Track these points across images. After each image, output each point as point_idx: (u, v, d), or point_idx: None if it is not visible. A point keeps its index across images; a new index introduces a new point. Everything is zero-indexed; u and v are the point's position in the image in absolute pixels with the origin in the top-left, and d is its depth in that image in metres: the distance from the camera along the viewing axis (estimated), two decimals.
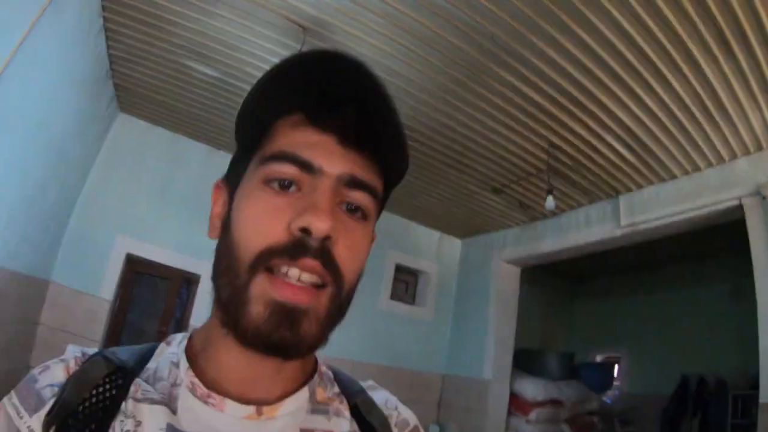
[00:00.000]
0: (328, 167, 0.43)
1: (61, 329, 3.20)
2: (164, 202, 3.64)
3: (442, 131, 3.12)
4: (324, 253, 0.41)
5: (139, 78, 3.18)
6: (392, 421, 0.54)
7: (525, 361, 4.31)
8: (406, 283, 4.71)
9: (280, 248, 0.40)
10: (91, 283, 3.36)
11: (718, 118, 2.61)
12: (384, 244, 4.42)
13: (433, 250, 4.74)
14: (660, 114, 2.63)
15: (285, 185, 0.43)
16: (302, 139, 0.43)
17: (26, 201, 2.52)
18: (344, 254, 0.42)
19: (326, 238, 0.40)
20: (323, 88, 0.43)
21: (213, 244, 0.49)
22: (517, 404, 3.99)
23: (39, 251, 2.95)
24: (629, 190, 3.35)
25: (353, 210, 0.45)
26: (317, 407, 0.49)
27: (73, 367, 0.45)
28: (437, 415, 4.27)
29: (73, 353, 0.47)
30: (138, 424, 0.42)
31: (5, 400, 0.44)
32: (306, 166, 0.42)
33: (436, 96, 2.79)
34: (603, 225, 3.48)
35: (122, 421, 0.42)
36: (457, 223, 4.55)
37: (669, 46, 2.21)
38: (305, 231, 0.40)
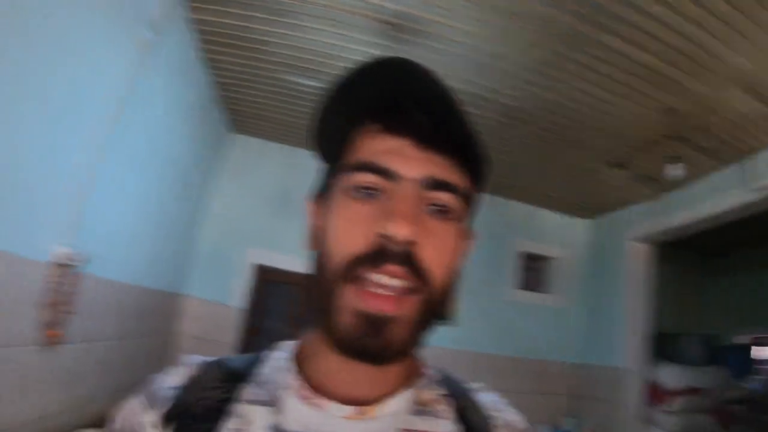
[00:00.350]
0: (407, 172, 0.44)
1: (199, 338, 3.54)
2: (286, 212, 3.83)
3: (550, 108, 2.93)
4: (408, 258, 0.41)
5: (246, 99, 3.38)
6: (497, 423, 0.54)
7: (661, 347, 3.92)
8: (534, 271, 4.53)
9: (363, 256, 0.42)
10: (225, 294, 3.68)
11: None
12: (508, 233, 4.32)
13: (558, 234, 4.51)
14: None
15: (368, 193, 0.44)
16: (380, 147, 0.45)
17: (155, 225, 2.80)
18: (431, 256, 0.43)
19: (409, 243, 0.41)
20: (394, 96, 0.45)
21: None
22: (653, 393, 3.66)
23: (173, 269, 3.28)
24: (761, 148, 2.90)
25: (439, 211, 0.45)
26: (419, 408, 0.50)
27: (192, 372, 0.51)
28: (568, 407, 4.07)
29: (194, 361, 0.53)
30: (246, 423, 0.46)
31: (134, 398, 0.51)
32: (386, 173, 0.44)
33: (538, 73, 2.63)
34: (736, 190, 3.02)
35: (231, 420, 0.46)
36: (581, 203, 4.28)
37: None
38: (386, 237, 0.41)
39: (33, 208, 1.64)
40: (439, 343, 3.81)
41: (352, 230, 0.43)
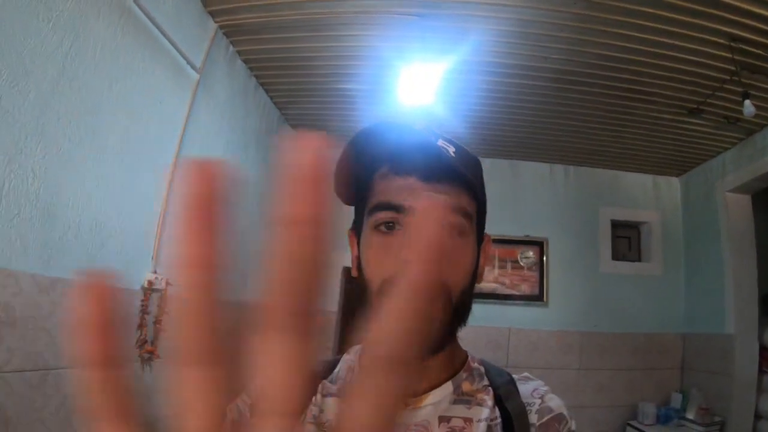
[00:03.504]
0: (416, 203, 0.54)
1: None
2: None
3: (608, 65, 2.76)
4: None
5: (307, 113, 3.61)
6: (533, 408, 0.60)
7: None
8: (627, 239, 4.21)
9: (393, 278, 0.50)
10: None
11: None
12: (595, 202, 4.08)
13: (649, 196, 4.15)
14: None
15: (390, 226, 0.54)
16: (392, 187, 0.55)
17: (236, 244, 3.03)
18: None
19: None
20: (398, 146, 0.56)
21: None
22: None
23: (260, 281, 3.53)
24: None
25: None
26: (461, 398, 0.57)
27: None
28: (678, 381, 3.75)
29: None
30: (321, 411, 0.57)
31: (238, 399, 0.66)
32: (399, 209, 0.53)
33: (587, 30, 2.49)
34: None
35: (311, 408, 0.57)
36: (666, 160, 3.93)
37: None
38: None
39: (121, 244, 1.96)
40: (533, 326, 3.73)
41: (382, 258, 0.54)
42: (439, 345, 0.53)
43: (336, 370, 0.63)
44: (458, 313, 0.54)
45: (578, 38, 2.56)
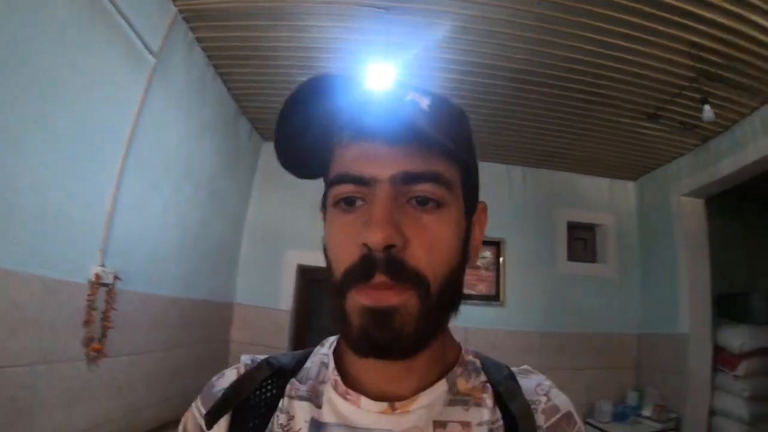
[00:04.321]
0: (379, 173, 0.44)
1: (251, 343, 3.66)
2: None
3: (570, 67, 2.77)
4: (392, 264, 0.41)
5: (267, 106, 3.47)
6: (539, 407, 0.52)
7: (727, 308, 3.59)
8: (584, 241, 4.30)
9: (355, 270, 0.42)
10: (271, 298, 3.79)
11: None
12: (553, 204, 4.15)
13: (604, 199, 4.27)
14: None
15: (351, 201, 0.45)
16: (353, 155, 0.45)
17: (191, 238, 2.92)
18: (420, 253, 0.43)
19: (389, 247, 0.41)
20: (354, 105, 0.46)
21: None
22: (722, 358, 3.35)
23: (217, 278, 3.41)
24: None
25: (422, 201, 0.45)
26: (456, 398, 0.50)
27: (242, 371, 0.54)
28: (637, 380, 3.85)
29: (244, 361, 0.56)
30: (291, 418, 0.49)
31: (193, 405, 0.55)
32: (360, 181, 0.44)
33: (549, 31, 2.48)
34: None
35: (279, 416, 0.49)
36: (623, 163, 4.04)
37: None
38: (367, 246, 0.41)
39: (67, 234, 1.81)
40: (491, 326, 3.75)
41: (341, 243, 0.45)
42: (422, 340, 0.44)
43: (306, 366, 0.55)
44: (442, 300, 0.44)
45: (540, 38, 2.55)
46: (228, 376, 0.55)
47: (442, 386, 0.49)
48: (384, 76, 2.68)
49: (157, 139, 2.42)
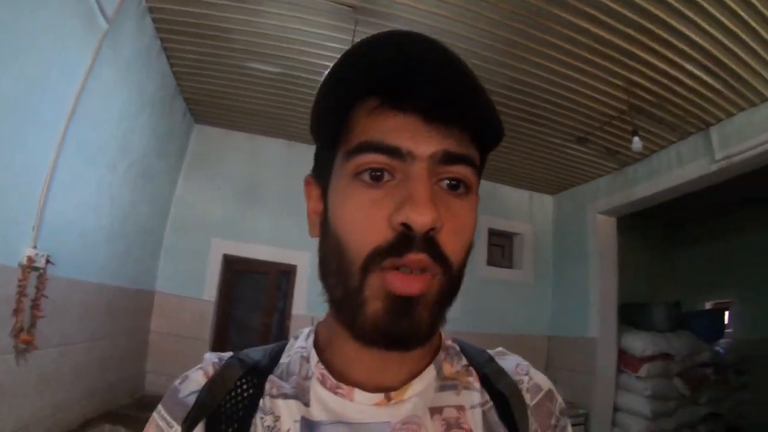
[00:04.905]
0: (418, 149, 0.40)
1: (171, 334, 3.47)
2: (251, 201, 3.82)
3: (513, 86, 2.96)
4: (429, 245, 0.39)
5: (206, 88, 3.30)
6: (523, 387, 0.52)
7: (630, 316, 4.07)
8: (501, 247, 4.59)
9: (386, 247, 0.39)
10: (194, 287, 3.62)
11: None
12: None
13: (524, 210, 4.59)
14: (742, 34, 2.31)
15: (377, 176, 0.41)
16: (385, 125, 0.41)
17: (119, 221, 2.72)
18: (450, 240, 0.40)
19: (430, 229, 0.38)
20: (396, 68, 0.40)
21: (305, 233, 0.49)
22: (626, 361, 3.80)
23: (140, 265, 3.20)
24: (720, 120, 3.00)
25: (454, 186, 0.42)
26: (445, 383, 0.49)
27: (210, 372, 0.48)
28: None
29: (210, 360, 0.50)
30: (276, 419, 0.44)
31: (155, 414, 0.47)
32: (395, 152, 0.40)
33: (501, 51, 2.64)
34: (697, 161, 3.16)
35: (262, 417, 0.44)
36: (546, 179, 4.37)
37: None
38: (408, 226, 0.38)
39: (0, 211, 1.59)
40: None
41: (368, 218, 0.40)
42: (435, 328, 0.42)
43: (283, 361, 0.50)
44: (456, 288, 0.43)
45: (494, 57, 2.69)
46: (194, 379, 0.48)
47: (431, 372, 0.48)
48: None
49: (100, 110, 2.22)
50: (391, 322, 0.39)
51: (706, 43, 2.40)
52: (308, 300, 3.74)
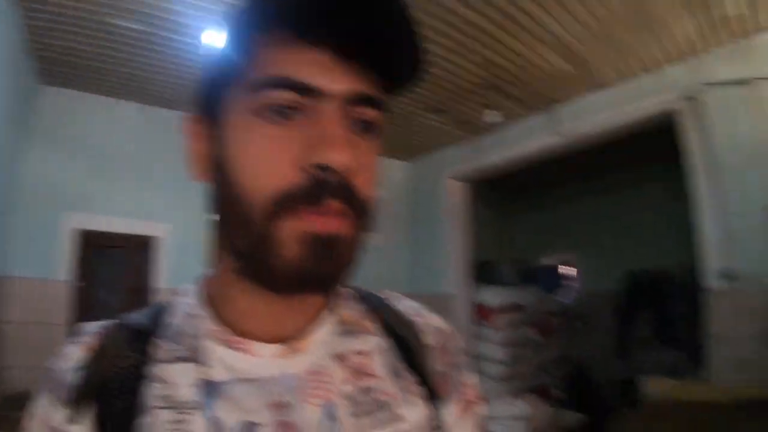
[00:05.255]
0: (331, 87, 0.37)
1: (29, 322, 3.14)
2: (106, 170, 3.57)
3: None
4: (345, 190, 0.37)
5: (61, 45, 3.00)
6: (420, 328, 0.53)
7: (483, 273, 4.58)
8: None
9: (298, 192, 0.37)
10: (49, 268, 3.30)
11: (650, 22, 2.69)
12: None
13: (379, 175, 4.83)
14: (591, 21, 2.70)
15: (284, 113, 0.37)
16: (294, 58, 0.37)
17: None
18: (364, 183, 0.39)
19: (346, 173, 0.37)
20: None
21: (166, 203, 0.46)
22: (482, 313, 4.25)
23: None
24: (566, 99, 3.52)
25: (364, 128, 0.41)
26: (346, 328, 0.47)
27: (93, 343, 0.43)
28: None
29: (89, 330, 0.45)
30: (171, 386, 0.40)
31: (34, 404, 0.43)
32: (305, 89, 0.37)
33: None
34: (543, 135, 3.66)
35: (153, 386, 0.40)
36: (400, 145, 4.66)
37: None
38: (322, 167, 0.36)
39: None
40: None
41: (274, 159, 0.37)
42: (349, 272, 0.40)
43: (167, 321, 0.45)
44: (368, 232, 0.42)
45: None
46: (73, 354, 0.43)
47: (331, 319, 0.46)
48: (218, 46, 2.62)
49: None
50: (314, 264, 0.37)
51: (557, 26, 2.75)
52: (171, 273, 3.63)
